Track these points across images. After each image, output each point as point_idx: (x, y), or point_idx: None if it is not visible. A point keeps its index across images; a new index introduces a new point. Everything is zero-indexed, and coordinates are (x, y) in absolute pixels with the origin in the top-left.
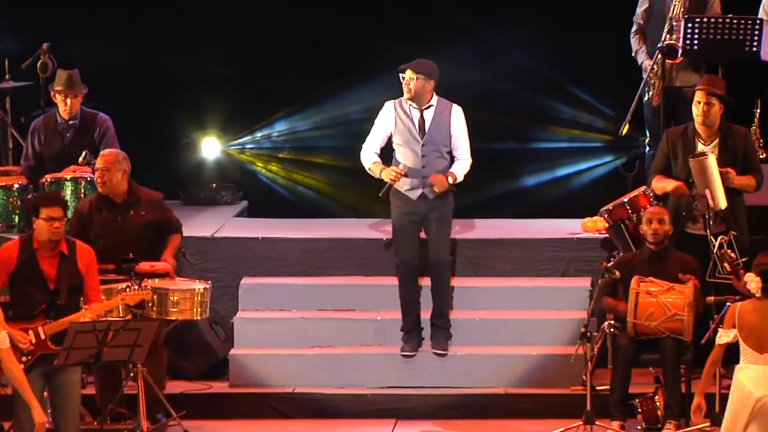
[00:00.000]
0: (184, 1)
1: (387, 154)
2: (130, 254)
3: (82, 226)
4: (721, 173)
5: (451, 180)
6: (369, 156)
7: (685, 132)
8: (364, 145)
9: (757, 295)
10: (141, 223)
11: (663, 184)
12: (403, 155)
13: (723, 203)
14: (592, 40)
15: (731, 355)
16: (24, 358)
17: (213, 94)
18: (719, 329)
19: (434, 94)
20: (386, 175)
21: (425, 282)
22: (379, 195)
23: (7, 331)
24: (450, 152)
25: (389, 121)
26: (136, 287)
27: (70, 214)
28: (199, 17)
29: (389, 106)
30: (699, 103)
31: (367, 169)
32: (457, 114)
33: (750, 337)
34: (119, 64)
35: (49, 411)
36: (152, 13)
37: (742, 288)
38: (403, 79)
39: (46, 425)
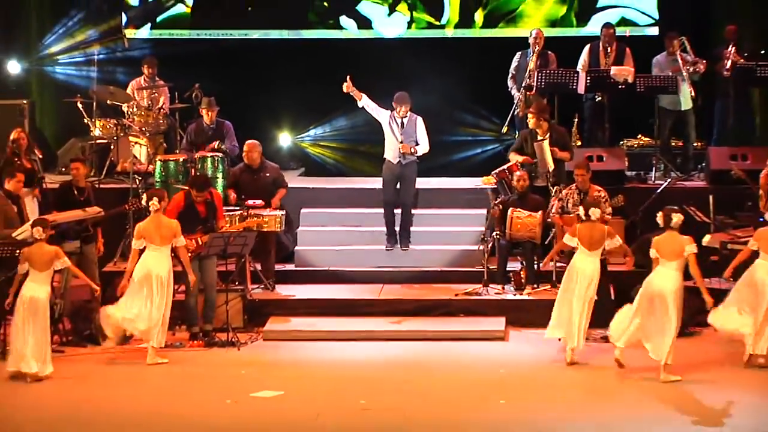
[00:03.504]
0: (266, 55)
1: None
2: (244, 197)
3: (235, 182)
4: (551, 150)
5: (412, 150)
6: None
7: (531, 131)
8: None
9: (591, 219)
10: (267, 181)
11: (516, 157)
12: (390, 141)
13: (551, 166)
14: (488, 81)
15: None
16: (191, 254)
17: (286, 109)
18: (567, 236)
19: (409, 110)
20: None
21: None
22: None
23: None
24: (416, 142)
25: (383, 116)
26: (247, 216)
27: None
28: (274, 63)
29: (388, 112)
30: (531, 118)
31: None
32: (420, 121)
33: (583, 241)
34: (237, 93)
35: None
36: (256, 65)
37: (584, 215)
38: (394, 106)
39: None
